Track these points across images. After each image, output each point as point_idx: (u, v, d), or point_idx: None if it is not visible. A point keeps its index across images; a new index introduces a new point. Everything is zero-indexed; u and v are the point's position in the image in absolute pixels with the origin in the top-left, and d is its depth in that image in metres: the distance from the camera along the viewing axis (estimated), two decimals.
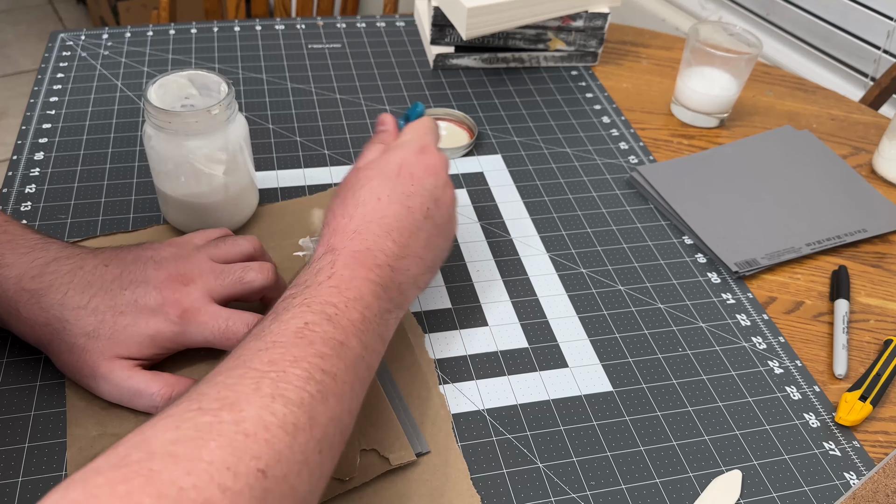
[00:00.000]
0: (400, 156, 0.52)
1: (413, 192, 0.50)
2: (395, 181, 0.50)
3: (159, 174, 0.59)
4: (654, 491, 0.49)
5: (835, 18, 1.25)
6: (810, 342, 0.61)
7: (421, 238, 0.50)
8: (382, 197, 0.49)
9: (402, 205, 0.49)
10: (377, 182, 0.50)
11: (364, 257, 0.46)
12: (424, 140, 0.54)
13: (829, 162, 0.79)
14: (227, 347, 0.50)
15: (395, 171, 0.51)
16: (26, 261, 0.49)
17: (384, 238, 0.48)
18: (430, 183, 0.51)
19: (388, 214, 0.49)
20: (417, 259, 0.49)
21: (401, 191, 0.50)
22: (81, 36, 0.89)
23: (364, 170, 0.52)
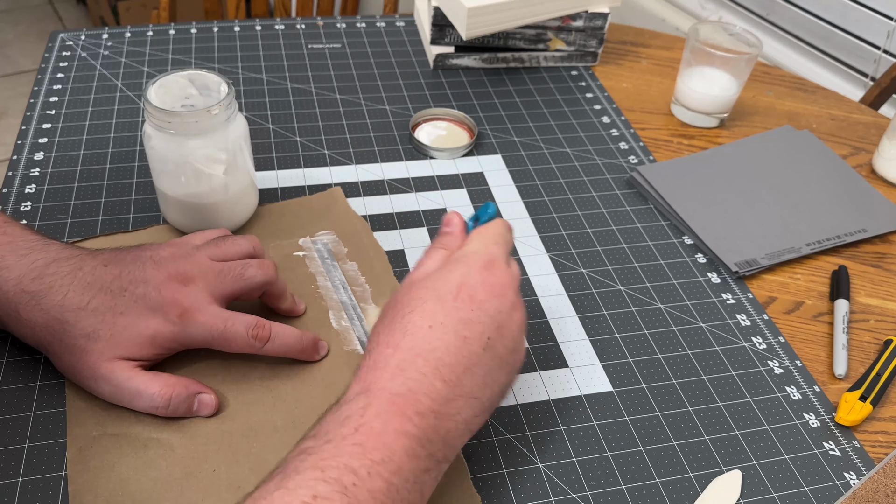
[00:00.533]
0: (461, 273, 0.44)
1: (472, 319, 0.43)
2: (451, 305, 0.43)
3: (159, 174, 0.59)
4: (654, 491, 0.49)
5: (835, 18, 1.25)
6: (810, 342, 0.61)
7: (477, 375, 0.42)
8: (435, 324, 0.42)
9: (456, 334, 0.42)
10: (431, 305, 0.43)
11: (404, 403, 0.39)
12: (492, 252, 0.46)
13: (829, 162, 0.79)
14: (226, 348, 0.50)
15: (452, 291, 0.43)
16: (26, 262, 0.49)
17: (432, 376, 0.40)
18: (493, 307, 0.44)
19: (438, 346, 0.41)
20: (471, 400, 0.42)
21: (457, 317, 0.42)
22: (81, 36, 0.89)
23: (418, 287, 0.44)
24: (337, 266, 0.62)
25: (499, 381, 0.44)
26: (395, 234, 0.66)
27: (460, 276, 0.44)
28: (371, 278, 0.61)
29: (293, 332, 0.52)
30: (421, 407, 0.40)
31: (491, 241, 0.47)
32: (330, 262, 0.62)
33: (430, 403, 0.40)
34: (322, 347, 0.54)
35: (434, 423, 0.40)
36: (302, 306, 0.58)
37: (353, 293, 0.60)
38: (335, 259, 0.62)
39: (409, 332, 0.42)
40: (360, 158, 0.74)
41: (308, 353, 0.53)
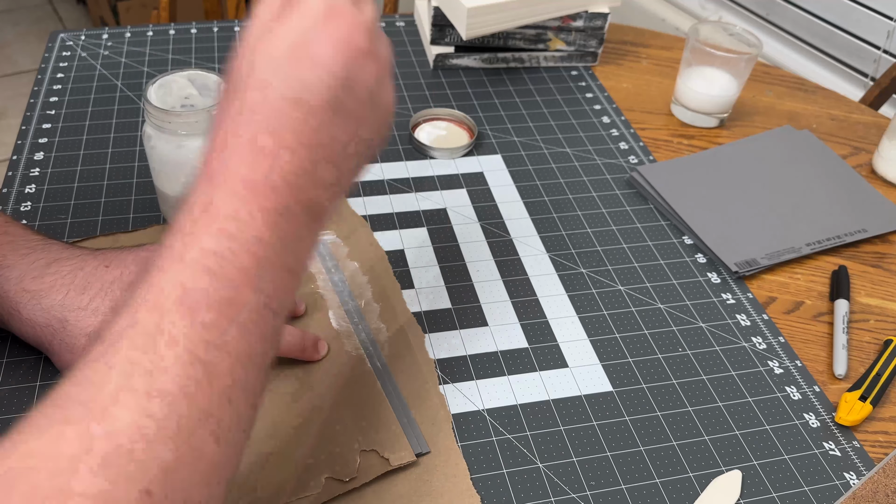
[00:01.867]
0: (294, 31, 0.38)
1: (313, 83, 0.37)
2: (287, 71, 0.37)
3: (159, 174, 0.59)
4: (654, 491, 0.49)
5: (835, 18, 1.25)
6: (810, 342, 0.61)
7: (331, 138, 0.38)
8: (271, 94, 0.37)
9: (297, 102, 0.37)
10: (266, 75, 0.37)
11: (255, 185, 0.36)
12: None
13: (829, 162, 0.79)
14: None
15: (286, 56, 0.37)
16: (27, 262, 0.49)
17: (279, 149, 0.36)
18: (338, 64, 0.37)
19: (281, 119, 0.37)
20: (330, 164, 0.38)
21: (298, 84, 0.37)
22: (81, 36, 0.89)
23: (251, 52, 0.38)
24: (337, 266, 0.62)
25: (359, 138, 0.40)
26: (395, 234, 0.66)
27: (295, 35, 0.38)
28: (371, 278, 0.61)
29: (294, 331, 0.52)
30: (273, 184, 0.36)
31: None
32: (330, 262, 0.62)
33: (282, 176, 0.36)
34: (322, 347, 0.54)
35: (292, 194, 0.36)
36: (302, 306, 0.58)
37: (353, 293, 0.60)
38: (335, 259, 0.62)
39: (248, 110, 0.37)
40: None
41: (309, 352, 0.53)
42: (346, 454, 0.48)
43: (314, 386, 0.52)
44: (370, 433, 0.50)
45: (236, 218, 0.35)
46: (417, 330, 0.58)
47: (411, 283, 0.62)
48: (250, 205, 0.35)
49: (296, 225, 0.37)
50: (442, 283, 0.62)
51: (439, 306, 0.60)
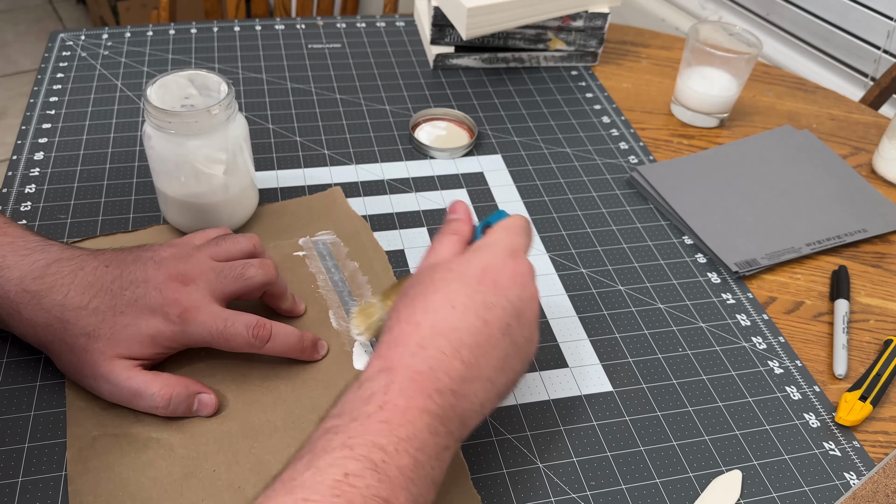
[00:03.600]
0: (486, 258, 0.45)
1: (494, 304, 0.43)
2: (474, 287, 0.43)
3: (159, 174, 0.59)
4: (654, 491, 0.49)
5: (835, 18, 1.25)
6: (810, 342, 0.61)
7: (495, 359, 0.42)
8: (458, 305, 0.42)
9: (478, 316, 0.42)
10: (455, 287, 0.43)
11: (425, 380, 0.40)
12: (516, 243, 0.47)
13: (829, 162, 0.79)
14: (227, 348, 0.50)
15: (476, 275, 0.44)
16: (27, 262, 0.49)
17: (452, 356, 0.41)
18: (515, 294, 0.44)
19: (460, 327, 0.42)
20: (486, 383, 0.42)
21: (480, 300, 0.43)
22: (81, 36, 0.89)
23: (441, 269, 0.45)
24: (337, 266, 0.62)
25: (514, 368, 0.44)
26: (395, 234, 0.66)
27: (485, 261, 0.45)
28: (371, 278, 0.61)
29: (294, 331, 0.52)
30: (440, 385, 0.40)
31: (514, 233, 0.48)
32: (330, 262, 0.62)
33: (450, 382, 0.40)
34: (322, 347, 0.54)
35: (452, 401, 0.40)
36: (302, 306, 0.58)
37: (352, 293, 0.60)
38: (335, 259, 0.62)
39: (430, 311, 0.42)
40: (360, 158, 0.74)
41: (308, 352, 0.53)
42: None
43: (314, 387, 0.52)
44: None
45: (404, 415, 0.38)
46: None
47: None
48: (419, 405, 0.39)
49: (448, 435, 0.40)
50: None
51: None
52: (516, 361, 0.44)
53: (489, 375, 0.42)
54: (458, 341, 0.41)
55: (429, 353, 0.41)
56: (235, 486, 0.46)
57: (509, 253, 0.46)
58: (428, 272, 0.45)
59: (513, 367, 0.44)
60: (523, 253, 0.47)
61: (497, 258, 0.45)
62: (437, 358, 0.41)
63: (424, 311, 0.43)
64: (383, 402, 0.38)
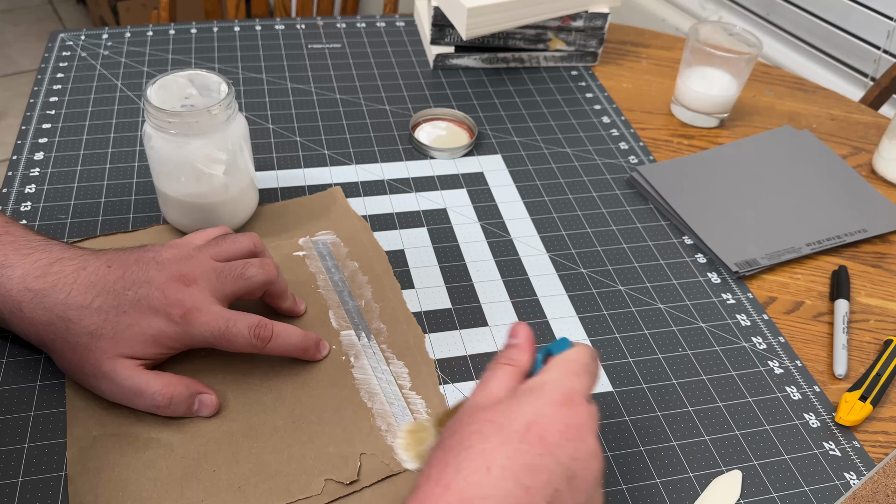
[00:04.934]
0: (533, 406, 0.39)
1: (538, 466, 0.37)
2: (516, 446, 0.37)
3: (159, 174, 0.59)
4: (654, 491, 0.49)
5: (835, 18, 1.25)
6: (810, 342, 0.61)
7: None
8: (494, 467, 0.36)
9: (517, 482, 0.36)
10: (493, 442, 0.37)
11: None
12: (572, 386, 0.40)
13: (829, 162, 0.79)
14: (229, 348, 0.50)
15: (520, 430, 0.38)
16: (30, 261, 0.49)
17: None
18: (567, 453, 0.38)
19: (494, 494, 0.36)
20: None
21: (522, 462, 0.37)
22: (81, 36, 0.89)
23: (482, 416, 0.39)
24: (337, 266, 0.62)
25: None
26: (395, 234, 0.66)
27: (532, 412, 0.38)
28: (371, 278, 0.61)
29: (296, 331, 0.52)
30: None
31: (571, 372, 0.41)
32: (330, 262, 0.62)
33: None
34: (324, 347, 0.55)
35: None
36: (302, 306, 0.58)
37: (352, 293, 0.60)
38: (335, 259, 0.62)
39: (463, 471, 0.37)
40: (360, 158, 0.74)
41: (311, 352, 0.53)
42: (347, 456, 0.48)
43: (314, 387, 0.52)
44: (370, 437, 0.50)
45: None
46: (417, 330, 0.58)
47: (411, 283, 0.62)
48: None
49: None
50: (442, 283, 0.62)
51: (439, 306, 0.60)
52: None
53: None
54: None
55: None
56: (235, 486, 0.46)
57: (564, 399, 0.39)
58: (468, 416, 0.40)
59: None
60: (582, 399, 0.40)
61: (547, 406, 0.39)
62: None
63: (457, 470, 0.37)
64: None
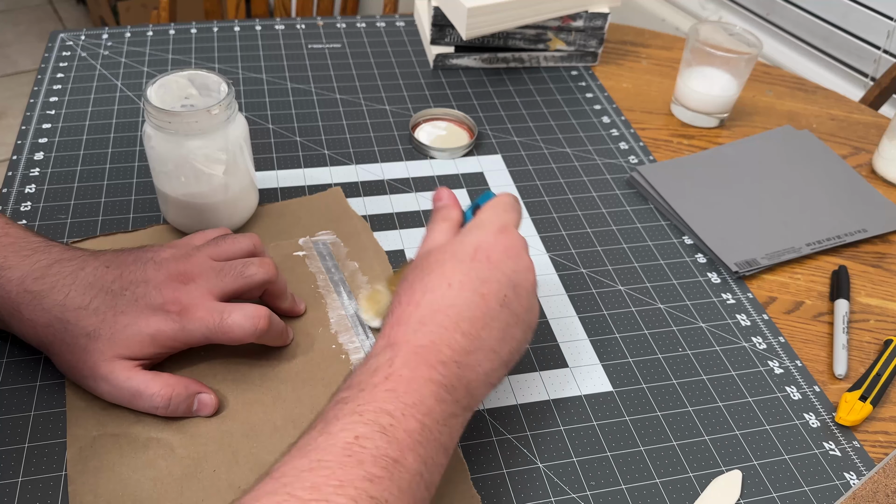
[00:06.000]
0: (476, 237, 0.47)
1: (489, 278, 0.45)
2: (468, 265, 0.46)
3: (159, 174, 0.59)
4: (654, 491, 0.49)
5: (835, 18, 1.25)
6: (810, 342, 0.61)
7: (495, 329, 0.45)
8: (454, 283, 0.45)
9: (475, 291, 0.45)
10: (449, 266, 0.46)
11: (427, 353, 0.42)
12: (505, 219, 0.49)
13: (829, 162, 0.79)
14: (226, 342, 0.50)
15: (469, 253, 0.46)
16: (29, 263, 0.49)
17: (452, 330, 0.43)
18: (509, 267, 0.46)
19: (457, 303, 0.44)
20: (490, 353, 0.44)
21: (475, 276, 0.45)
22: (81, 36, 0.89)
23: (436, 252, 0.47)
24: (337, 266, 0.62)
25: (515, 337, 0.46)
26: (395, 234, 0.66)
27: (476, 239, 0.47)
28: (371, 278, 0.61)
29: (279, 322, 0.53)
30: (443, 357, 0.42)
31: (501, 210, 0.50)
32: (330, 262, 0.62)
33: (452, 354, 0.42)
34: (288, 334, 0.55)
35: (457, 371, 0.42)
36: (302, 306, 0.58)
37: (352, 293, 0.60)
38: (335, 259, 0.62)
39: (429, 291, 0.45)
40: (360, 158, 0.74)
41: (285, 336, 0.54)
42: None
43: (314, 386, 0.52)
44: None
45: (409, 384, 0.40)
46: None
47: None
48: (423, 375, 0.41)
49: (455, 403, 0.42)
50: None
51: None
52: (517, 330, 0.46)
53: (491, 346, 0.44)
54: (457, 316, 0.44)
55: (430, 328, 0.43)
56: (235, 486, 0.46)
57: (499, 229, 0.48)
58: (424, 257, 0.48)
59: (514, 336, 0.46)
60: (513, 228, 0.49)
61: (488, 235, 0.47)
62: (438, 333, 0.43)
63: (423, 291, 0.45)
64: (389, 374, 0.41)
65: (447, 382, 0.42)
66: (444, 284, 0.45)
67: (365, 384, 0.40)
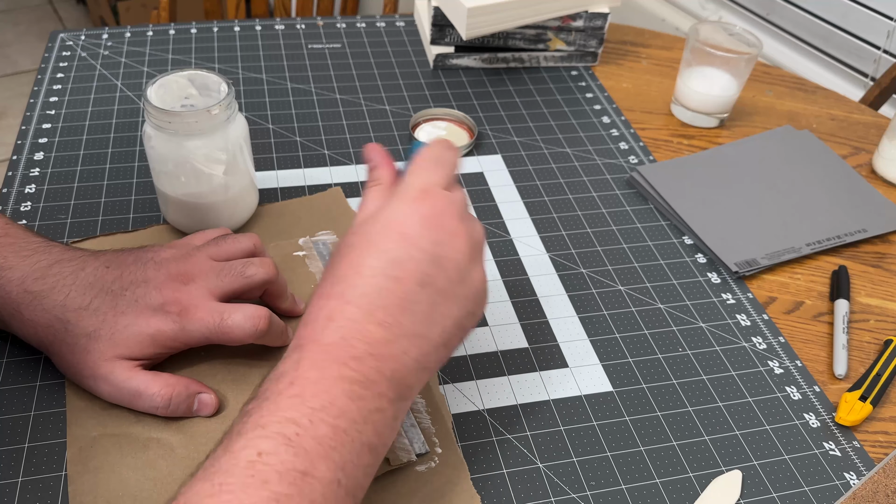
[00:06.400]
0: (391, 210, 0.43)
1: (402, 258, 0.41)
2: (379, 247, 0.41)
3: (159, 174, 0.59)
4: (654, 491, 0.49)
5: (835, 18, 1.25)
6: (810, 342, 0.61)
7: (418, 313, 0.41)
8: (363, 269, 0.41)
9: (387, 276, 0.40)
10: (358, 251, 0.42)
11: (337, 350, 0.39)
12: (425, 180, 0.44)
13: (829, 162, 0.79)
14: (226, 342, 0.50)
15: (381, 231, 0.42)
16: (29, 263, 0.49)
17: (364, 321, 0.39)
18: (428, 240, 0.41)
19: (368, 292, 0.40)
20: (416, 339, 0.41)
21: (387, 258, 0.41)
22: (81, 36, 0.89)
23: (351, 233, 0.43)
24: None
25: (449, 315, 0.42)
26: None
27: (389, 214, 0.42)
28: None
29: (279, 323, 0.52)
30: (355, 352, 0.39)
31: (422, 168, 0.45)
32: None
33: (367, 347, 0.39)
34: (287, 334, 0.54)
35: (374, 364, 0.39)
36: (302, 306, 0.58)
37: None
38: None
39: (338, 281, 0.41)
40: (360, 158, 0.74)
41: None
42: None
43: None
44: None
45: (317, 386, 0.37)
46: None
47: None
48: (333, 374, 0.38)
49: (377, 398, 0.39)
50: None
51: None
52: (450, 308, 0.42)
53: (416, 331, 0.41)
54: (370, 305, 0.40)
55: (339, 323, 0.40)
56: None
57: (417, 195, 0.43)
58: (350, 234, 0.44)
59: (447, 315, 0.42)
60: (437, 189, 0.43)
61: (402, 205, 0.42)
62: (347, 327, 0.39)
63: (333, 282, 0.41)
64: (294, 378, 0.38)
65: (362, 378, 0.38)
66: (353, 273, 0.41)
67: (269, 392, 0.38)
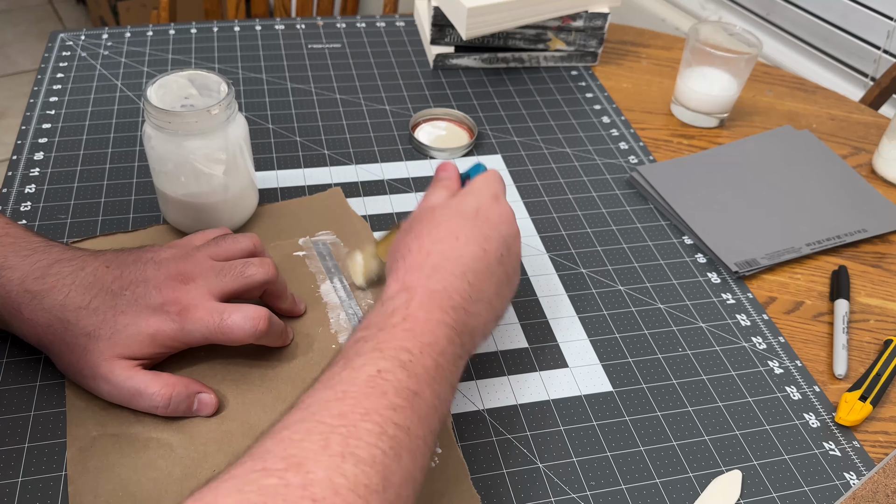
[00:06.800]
0: (476, 199, 0.52)
1: (490, 236, 0.49)
2: (472, 222, 0.50)
3: (159, 174, 0.59)
4: (654, 491, 0.49)
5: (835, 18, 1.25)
6: (810, 342, 0.61)
7: (493, 283, 0.49)
8: (461, 236, 0.48)
9: (479, 246, 0.48)
10: (456, 222, 0.49)
11: (440, 298, 0.45)
12: (496, 189, 0.54)
13: (829, 162, 0.79)
14: (225, 342, 0.50)
15: (472, 212, 0.50)
16: (29, 263, 0.49)
17: (460, 278, 0.46)
18: (504, 229, 0.51)
19: (465, 255, 0.48)
20: (488, 304, 0.48)
21: (479, 232, 0.49)
22: (81, 36, 0.89)
23: (440, 208, 0.51)
24: (337, 266, 0.62)
25: (506, 295, 0.51)
26: None
27: (476, 202, 0.51)
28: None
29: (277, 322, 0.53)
30: (454, 302, 0.45)
31: (492, 182, 0.54)
32: (330, 262, 0.62)
33: (461, 300, 0.46)
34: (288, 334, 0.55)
35: (464, 318, 0.46)
36: (302, 306, 0.58)
37: (352, 293, 0.60)
38: (335, 259, 0.62)
39: (438, 241, 0.48)
40: (360, 158, 0.74)
41: (285, 336, 0.54)
42: None
43: None
44: None
45: (425, 325, 0.43)
46: None
47: None
48: (437, 318, 0.44)
49: (461, 346, 0.45)
50: None
51: None
52: (507, 289, 0.51)
53: (489, 298, 0.48)
54: (465, 266, 0.47)
55: (442, 275, 0.46)
56: None
57: (493, 197, 0.52)
58: (428, 212, 0.51)
59: (506, 294, 0.51)
60: (504, 198, 0.54)
61: (485, 200, 0.52)
62: (448, 280, 0.46)
63: (433, 242, 0.48)
64: (406, 315, 0.44)
65: (457, 326, 0.45)
66: (452, 237, 0.48)
67: (383, 324, 0.43)
